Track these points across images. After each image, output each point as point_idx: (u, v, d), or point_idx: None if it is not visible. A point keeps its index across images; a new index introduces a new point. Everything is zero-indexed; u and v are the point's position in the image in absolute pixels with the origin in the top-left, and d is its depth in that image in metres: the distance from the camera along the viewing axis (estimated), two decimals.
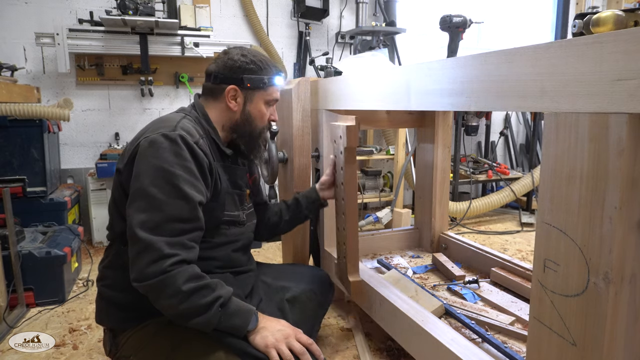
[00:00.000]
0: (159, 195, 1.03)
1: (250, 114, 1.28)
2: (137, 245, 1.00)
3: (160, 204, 1.02)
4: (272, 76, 1.29)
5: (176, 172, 1.05)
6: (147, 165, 1.05)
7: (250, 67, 1.26)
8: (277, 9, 3.41)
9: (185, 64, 3.15)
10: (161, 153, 1.06)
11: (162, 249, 0.99)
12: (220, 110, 1.28)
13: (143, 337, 1.13)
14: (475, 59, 0.90)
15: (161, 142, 1.07)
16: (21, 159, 2.41)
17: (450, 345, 1.13)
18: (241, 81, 1.25)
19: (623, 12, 0.73)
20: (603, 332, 0.67)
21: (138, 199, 1.04)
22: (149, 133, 1.11)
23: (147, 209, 1.02)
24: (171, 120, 1.16)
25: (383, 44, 3.26)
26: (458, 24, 1.51)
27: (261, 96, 1.28)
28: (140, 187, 1.04)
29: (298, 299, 1.40)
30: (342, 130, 1.42)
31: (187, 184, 1.06)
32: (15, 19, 2.83)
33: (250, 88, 1.26)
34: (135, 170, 1.06)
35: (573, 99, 0.68)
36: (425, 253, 2.15)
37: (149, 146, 1.07)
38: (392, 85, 1.25)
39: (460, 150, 3.43)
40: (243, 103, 1.27)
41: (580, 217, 0.69)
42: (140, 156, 1.07)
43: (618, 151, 0.63)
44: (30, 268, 1.95)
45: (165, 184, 1.04)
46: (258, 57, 1.29)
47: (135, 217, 1.02)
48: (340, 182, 1.51)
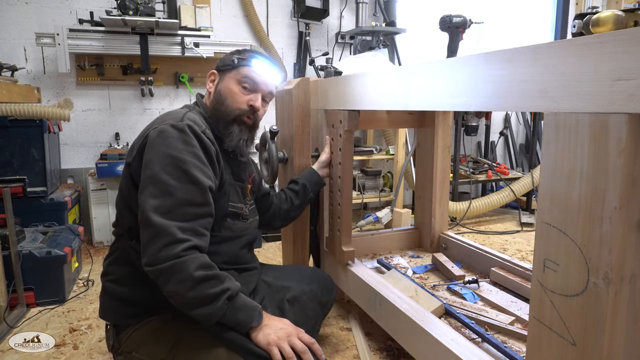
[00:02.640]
0: (171, 180, 1.05)
1: (221, 93, 1.30)
2: (150, 229, 1.02)
3: (171, 189, 1.05)
4: (243, 57, 1.32)
5: (186, 158, 1.08)
6: (157, 153, 1.08)
7: (229, 54, 1.35)
8: (277, 9, 3.41)
9: (186, 64, 3.15)
10: (170, 141, 1.09)
11: (175, 234, 1.01)
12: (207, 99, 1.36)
13: (146, 333, 1.14)
14: (475, 59, 0.90)
15: (170, 132, 1.10)
16: (21, 159, 2.42)
17: (450, 345, 1.13)
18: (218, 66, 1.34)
19: (623, 12, 0.73)
20: (603, 332, 0.67)
21: (150, 185, 1.06)
22: (156, 125, 1.14)
23: (159, 194, 1.04)
24: (177, 113, 1.20)
25: (383, 44, 3.26)
26: (458, 24, 1.51)
27: (232, 76, 1.31)
28: (151, 174, 1.06)
29: (298, 299, 1.40)
30: (344, 115, 1.59)
31: (197, 170, 1.09)
32: (15, 19, 2.83)
33: (222, 70, 1.33)
34: (145, 159, 1.09)
35: (573, 99, 0.68)
36: (425, 253, 2.15)
37: (158, 136, 1.10)
38: (392, 85, 1.25)
39: (460, 150, 3.43)
40: (216, 83, 1.33)
41: (580, 217, 0.69)
42: (150, 146, 1.10)
43: (618, 151, 0.63)
44: (30, 268, 1.95)
45: (176, 170, 1.06)
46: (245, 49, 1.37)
47: (148, 203, 1.04)
48: (338, 162, 1.68)
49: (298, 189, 1.67)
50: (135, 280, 1.15)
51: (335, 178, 1.72)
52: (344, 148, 1.64)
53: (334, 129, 1.67)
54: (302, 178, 1.70)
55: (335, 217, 1.74)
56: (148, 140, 1.11)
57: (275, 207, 1.62)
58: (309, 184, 1.68)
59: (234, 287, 1.07)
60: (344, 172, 1.66)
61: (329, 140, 1.72)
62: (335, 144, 1.68)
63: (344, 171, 1.66)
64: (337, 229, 1.73)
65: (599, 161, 0.66)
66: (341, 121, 1.61)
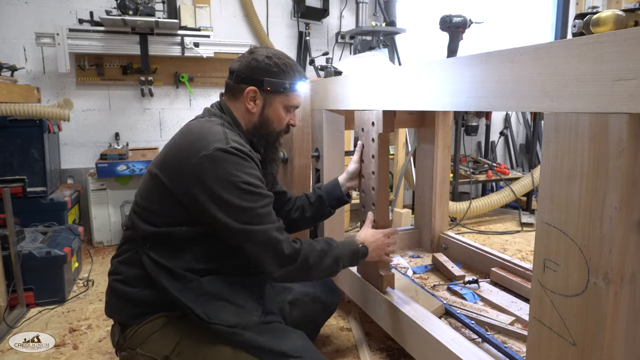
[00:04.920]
0: (244, 203, 1.09)
1: (269, 118, 1.25)
2: (255, 239, 1.09)
3: (246, 207, 1.09)
4: (294, 82, 1.25)
5: (247, 179, 1.10)
6: (215, 180, 1.08)
7: (273, 70, 1.22)
8: (277, 9, 3.41)
9: (185, 64, 3.15)
10: (225, 166, 1.08)
11: (276, 236, 1.11)
12: (241, 112, 1.26)
13: (151, 330, 1.14)
14: (475, 59, 0.90)
15: (223, 157, 1.08)
16: (21, 159, 2.41)
17: (450, 345, 1.13)
18: (261, 83, 1.22)
19: (623, 12, 0.72)
20: (603, 332, 0.67)
21: (227, 212, 1.08)
22: (201, 150, 1.09)
23: (242, 217, 1.09)
24: (217, 132, 1.14)
25: (383, 44, 3.26)
26: (458, 24, 1.51)
27: (281, 101, 1.24)
28: (225, 201, 1.08)
29: (300, 301, 1.41)
30: (377, 115, 1.37)
31: (259, 187, 1.13)
32: (15, 19, 2.83)
33: (270, 92, 1.23)
34: (205, 191, 1.08)
35: (573, 99, 0.68)
36: (425, 253, 2.15)
37: (210, 163, 1.08)
38: (392, 85, 1.25)
39: (460, 150, 3.43)
40: (262, 106, 1.24)
41: (580, 217, 0.69)
42: (204, 175, 1.08)
43: (618, 151, 0.63)
44: (30, 268, 1.95)
45: (244, 193, 1.09)
46: (283, 61, 1.25)
47: (228, 220, 1.08)
48: (370, 172, 1.45)
49: (313, 200, 1.51)
50: (144, 283, 1.15)
51: (367, 190, 1.47)
52: (379, 155, 1.40)
53: (364, 133, 1.44)
54: (322, 188, 1.53)
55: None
56: (199, 168, 1.09)
57: (285, 212, 1.49)
58: (326, 197, 1.50)
59: (334, 247, 1.23)
60: (379, 184, 1.41)
61: (361, 147, 1.49)
62: (367, 151, 1.45)
63: (379, 183, 1.41)
64: None
65: (599, 161, 0.66)
66: (373, 123, 1.39)
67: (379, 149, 1.39)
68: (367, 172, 1.46)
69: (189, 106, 3.26)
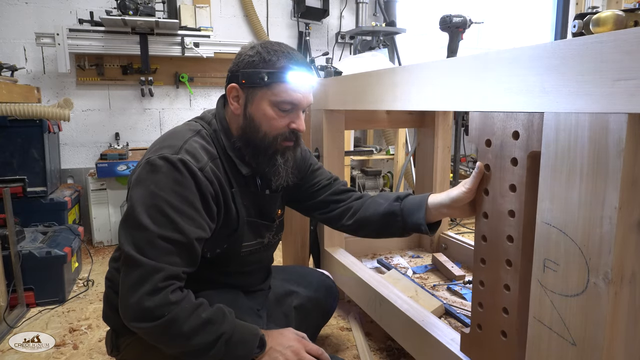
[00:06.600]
0: (151, 226, 0.92)
1: (253, 119, 1.06)
2: (133, 269, 0.92)
3: (151, 235, 0.93)
4: (278, 71, 1.03)
5: (174, 202, 0.94)
6: (143, 190, 0.96)
7: (251, 60, 1.03)
8: (277, 9, 3.41)
9: (186, 64, 3.15)
10: (159, 179, 0.95)
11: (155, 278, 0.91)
12: (230, 115, 1.11)
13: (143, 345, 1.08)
14: (475, 59, 0.90)
15: (160, 167, 0.96)
16: (21, 159, 2.41)
17: (450, 345, 1.13)
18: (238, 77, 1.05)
19: (623, 12, 0.73)
20: (603, 332, 0.67)
21: (130, 227, 0.95)
22: (151, 153, 1.01)
23: (137, 237, 0.94)
24: (178, 139, 1.03)
25: (383, 44, 3.26)
26: (458, 24, 1.52)
27: (264, 96, 1.04)
28: (133, 213, 0.95)
29: (304, 306, 1.40)
30: (524, 122, 0.81)
31: (184, 217, 0.95)
32: (15, 19, 2.83)
33: (248, 86, 1.04)
34: (131, 193, 0.98)
35: (573, 99, 0.68)
36: (425, 253, 2.15)
37: (148, 169, 0.97)
38: (392, 85, 1.25)
39: (460, 150, 3.43)
40: (244, 104, 1.07)
41: (580, 217, 0.69)
42: (138, 180, 0.98)
43: (618, 151, 0.63)
44: (30, 268, 1.95)
45: (160, 215, 0.93)
46: (269, 49, 1.05)
47: (126, 242, 0.94)
48: (504, 211, 0.87)
49: (382, 210, 1.19)
50: None
51: (493, 239, 0.92)
52: (527, 187, 0.82)
53: (493, 149, 0.89)
54: (405, 202, 1.18)
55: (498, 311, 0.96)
56: (138, 170, 0.99)
57: (334, 216, 1.28)
58: (400, 214, 1.16)
59: (229, 328, 0.97)
60: (524, 231, 0.84)
61: (480, 167, 0.93)
62: (499, 176, 0.88)
63: (524, 229, 0.84)
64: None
65: (599, 161, 0.66)
66: (518, 134, 0.82)
67: (527, 176, 0.82)
68: (496, 209, 0.91)
69: (189, 106, 3.26)
